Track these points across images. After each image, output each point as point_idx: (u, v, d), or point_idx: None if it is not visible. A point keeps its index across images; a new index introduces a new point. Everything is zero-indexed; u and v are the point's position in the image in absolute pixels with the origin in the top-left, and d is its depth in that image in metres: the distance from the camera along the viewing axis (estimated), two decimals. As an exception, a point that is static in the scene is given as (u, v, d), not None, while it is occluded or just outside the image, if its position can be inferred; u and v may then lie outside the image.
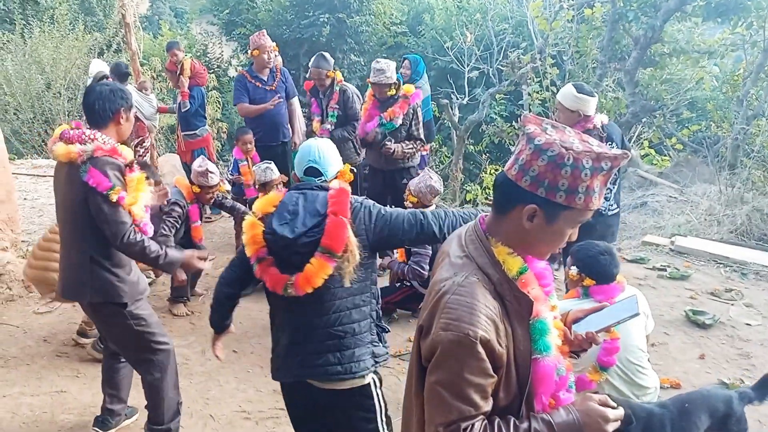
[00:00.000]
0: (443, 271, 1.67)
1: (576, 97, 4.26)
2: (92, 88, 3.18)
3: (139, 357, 3.39)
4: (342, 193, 2.59)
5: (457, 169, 11.11)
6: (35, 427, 3.81)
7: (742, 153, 9.05)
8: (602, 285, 3.29)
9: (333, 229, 2.51)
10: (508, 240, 1.64)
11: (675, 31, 10.24)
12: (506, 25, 13.41)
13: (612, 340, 3.22)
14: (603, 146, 1.57)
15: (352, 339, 2.61)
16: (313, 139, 2.87)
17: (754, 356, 4.70)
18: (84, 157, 2.99)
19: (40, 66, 10.78)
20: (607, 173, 1.55)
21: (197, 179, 5.04)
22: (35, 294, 5.42)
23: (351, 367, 2.60)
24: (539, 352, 1.62)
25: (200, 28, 18.98)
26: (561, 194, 1.53)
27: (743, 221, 7.37)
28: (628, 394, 3.26)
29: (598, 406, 1.62)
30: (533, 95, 10.90)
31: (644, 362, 3.34)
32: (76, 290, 3.25)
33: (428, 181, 4.74)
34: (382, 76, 5.50)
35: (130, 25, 9.01)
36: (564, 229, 1.61)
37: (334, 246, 2.50)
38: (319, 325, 2.62)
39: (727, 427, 3.09)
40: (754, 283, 6.12)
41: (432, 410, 1.59)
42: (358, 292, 2.61)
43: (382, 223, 2.58)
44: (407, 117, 5.66)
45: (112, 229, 3.01)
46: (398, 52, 15.15)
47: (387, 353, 2.75)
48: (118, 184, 3.01)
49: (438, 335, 1.55)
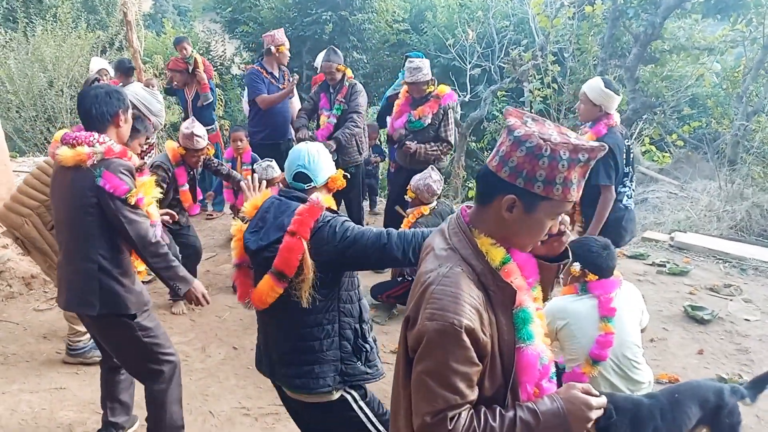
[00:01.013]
0: (428, 263, 1.69)
1: (603, 92, 4.24)
2: (86, 92, 3.03)
3: (144, 369, 3.26)
4: (310, 210, 2.48)
5: (459, 166, 11.12)
6: (34, 423, 3.81)
7: (742, 149, 9.05)
8: (603, 280, 3.32)
9: (286, 251, 2.43)
10: (491, 231, 1.67)
11: (675, 27, 10.25)
12: (508, 22, 13.41)
13: (606, 335, 3.25)
14: (581, 138, 1.59)
15: (312, 356, 2.55)
16: (305, 143, 2.78)
17: (752, 351, 4.71)
18: (95, 160, 2.88)
19: (43, 64, 10.77)
20: (584, 165, 1.57)
21: (183, 141, 4.96)
22: (35, 291, 5.45)
23: (309, 383, 2.57)
24: (523, 340, 1.64)
25: (203, 26, 18.96)
26: (539, 185, 1.56)
27: (743, 217, 7.38)
28: (623, 389, 3.28)
29: (581, 394, 1.64)
30: (534, 92, 10.91)
31: (639, 357, 3.36)
32: (83, 302, 3.08)
33: (428, 180, 4.74)
34: (420, 74, 5.38)
35: (132, 23, 9.06)
36: (543, 220, 1.63)
37: (284, 269, 2.44)
38: (282, 337, 2.62)
39: (719, 418, 3.09)
40: (753, 279, 6.13)
41: (419, 400, 1.61)
42: (321, 311, 2.52)
43: (346, 244, 2.44)
44: (437, 117, 5.49)
45: (139, 231, 2.93)
46: (401, 49, 15.18)
47: (368, 372, 2.64)
48: (133, 187, 2.95)
49: (423, 325, 1.57)
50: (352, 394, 2.63)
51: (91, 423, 3.74)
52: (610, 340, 3.24)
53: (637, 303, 3.49)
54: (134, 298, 3.09)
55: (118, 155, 2.96)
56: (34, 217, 3.93)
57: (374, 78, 16.27)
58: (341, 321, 2.57)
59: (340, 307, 2.57)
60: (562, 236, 1.77)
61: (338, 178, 2.74)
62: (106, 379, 3.52)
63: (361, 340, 2.63)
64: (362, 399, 2.65)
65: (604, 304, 3.30)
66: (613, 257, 3.40)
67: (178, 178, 4.97)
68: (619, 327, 3.30)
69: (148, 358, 3.21)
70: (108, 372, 3.52)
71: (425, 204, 4.78)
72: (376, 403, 2.72)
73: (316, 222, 2.47)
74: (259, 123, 6.57)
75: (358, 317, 2.64)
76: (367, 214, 7.50)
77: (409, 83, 5.46)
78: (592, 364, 3.26)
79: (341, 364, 2.56)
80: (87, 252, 3.01)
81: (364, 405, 2.64)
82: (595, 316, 3.30)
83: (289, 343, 2.60)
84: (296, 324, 2.56)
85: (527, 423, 1.59)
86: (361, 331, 2.64)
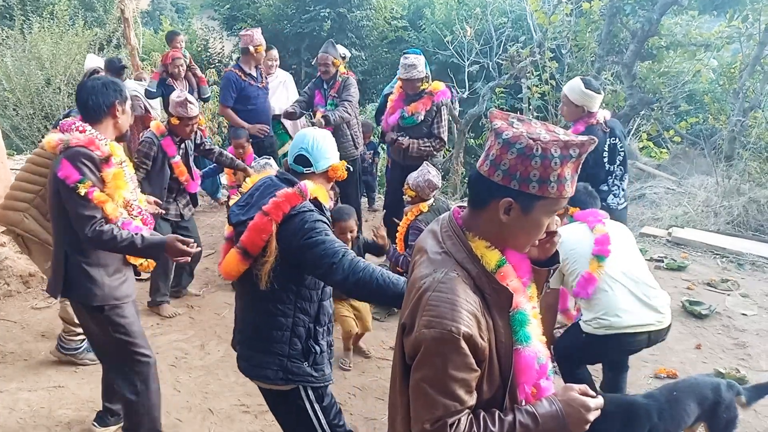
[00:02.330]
0: (422, 268, 1.68)
1: (583, 93, 4.23)
2: (83, 84, 3.06)
3: (117, 366, 3.25)
4: (290, 195, 2.46)
5: (458, 163, 11.11)
6: (33, 422, 3.80)
7: (739, 145, 9.06)
8: (587, 210, 3.55)
9: (253, 229, 2.43)
10: (486, 234, 1.66)
11: (672, 24, 10.25)
12: (505, 19, 13.39)
13: (603, 235, 3.41)
14: (569, 134, 1.59)
15: (261, 344, 2.56)
16: (312, 128, 2.76)
17: (750, 346, 4.73)
18: (62, 147, 2.89)
19: (40, 62, 10.76)
20: (576, 160, 1.57)
21: (176, 110, 4.74)
22: (33, 289, 5.44)
23: (251, 369, 2.60)
24: (520, 342, 1.64)
25: (201, 23, 18.92)
26: (534, 185, 1.55)
27: (740, 212, 7.40)
28: (645, 317, 3.33)
29: (579, 396, 1.66)
30: (532, 89, 10.90)
31: (652, 281, 3.46)
32: (52, 286, 3.15)
33: (426, 175, 4.75)
34: (414, 71, 5.38)
35: (130, 21, 9.06)
36: (541, 219, 1.63)
37: (248, 247, 2.44)
38: (242, 318, 2.65)
39: (717, 414, 3.12)
40: (750, 274, 6.16)
41: (418, 407, 1.60)
42: (278, 301, 2.51)
43: (304, 245, 2.40)
44: (430, 114, 5.49)
45: (78, 222, 2.88)
46: (399, 46, 15.18)
47: (313, 375, 2.58)
48: (89, 177, 2.87)
49: (421, 333, 1.56)
50: (307, 392, 2.60)
51: (89, 421, 3.73)
52: (607, 239, 3.37)
53: (631, 236, 3.66)
54: (101, 291, 3.04)
55: (84, 144, 2.90)
56: (32, 210, 3.92)
57: (372, 75, 16.27)
58: (296, 317, 2.54)
59: (297, 302, 2.54)
60: (553, 236, 1.76)
61: (339, 168, 2.70)
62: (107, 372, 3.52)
63: (313, 341, 2.59)
64: (318, 401, 2.62)
65: (593, 221, 3.49)
66: (593, 195, 3.65)
67: (167, 149, 4.75)
68: (622, 252, 3.43)
69: (119, 354, 3.18)
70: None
71: (425, 201, 4.79)
72: (333, 411, 2.68)
73: (292, 208, 2.44)
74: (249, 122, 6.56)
75: (314, 317, 2.60)
76: (365, 211, 7.50)
77: (404, 80, 5.47)
78: (598, 261, 3.35)
79: (287, 361, 2.54)
80: (58, 239, 3.06)
81: (317, 407, 2.61)
82: (586, 230, 3.48)
83: (246, 326, 2.63)
84: (254, 309, 2.58)
85: (526, 426, 1.59)
86: (315, 332, 2.60)
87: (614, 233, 3.47)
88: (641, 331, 3.33)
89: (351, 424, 3.79)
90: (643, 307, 3.33)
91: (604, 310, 3.33)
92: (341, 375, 4.29)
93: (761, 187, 7.84)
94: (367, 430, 3.80)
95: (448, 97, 5.67)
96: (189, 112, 4.73)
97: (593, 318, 3.37)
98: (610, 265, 3.37)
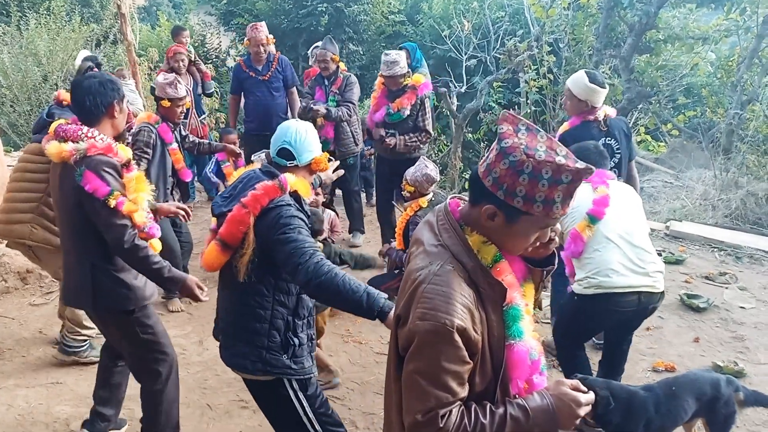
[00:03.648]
0: (418, 260, 1.69)
1: (587, 87, 4.14)
2: (79, 82, 2.94)
3: (142, 365, 3.23)
4: (269, 188, 2.47)
5: (455, 158, 11.10)
6: (31, 418, 3.81)
7: (737, 138, 9.04)
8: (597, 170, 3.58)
9: (231, 222, 2.45)
10: (481, 230, 1.67)
11: (670, 17, 10.21)
12: (503, 13, 13.35)
13: (602, 197, 3.38)
14: (569, 158, 1.55)
15: (242, 334, 2.58)
16: (295, 120, 2.76)
17: (747, 339, 4.75)
18: (77, 157, 2.78)
19: (37, 58, 10.71)
20: (568, 185, 1.53)
21: (166, 91, 4.72)
22: (31, 286, 5.44)
23: (233, 359, 2.62)
24: (513, 337, 1.65)
25: (198, 18, 18.86)
26: (518, 200, 1.54)
27: (738, 205, 7.40)
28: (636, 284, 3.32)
29: (570, 391, 1.66)
30: (530, 83, 10.88)
31: (649, 246, 3.44)
32: (77, 298, 3.07)
33: (424, 170, 4.74)
34: (396, 67, 5.41)
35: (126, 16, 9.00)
36: (527, 231, 1.63)
37: (227, 239, 2.47)
38: (223, 307, 2.69)
39: (715, 409, 3.13)
40: (748, 267, 6.17)
41: (410, 398, 1.62)
42: (257, 293, 2.53)
43: (276, 240, 2.42)
44: (414, 108, 5.55)
45: (114, 234, 2.81)
46: (396, 41, 15.14)
47: (292, 368, 2.59)
48: (116, 188, 2.82)
49: (415, 325, 1.57)
50: (291, 382, 2.60)
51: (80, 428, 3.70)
52: (606, 200, 3.34)
53: (638, 200, 3.60)
54: (131, 294, 3.02)
55: (102, 151, 2.83)
56: (37, 218, 3.85)
57: (370, 70, 16.22)
58: (274, 309, 2.55)
59: (276, 295, 2.55)
60: (549, 243, 1.75)
61: (322, 161, 2.70)
62: (104, 366, 3.49)
63: (292, 333, 2.59)
64: (302, 390, 2.62)
65: (597, 181, 3.45)
66: (604, 155, 3.61)
67: (164, 136, 4.71)
68: (624, 214, 3.41)
69: (145, 355, 3.18)
70: (107, 359, 3.48)
71: (424, 195, 4.79)
72: (319, 400, 2.69)
73: (270, 201, 2.44)
74: (250, 114, 6.74)
75: (293, 310, 2.61)
76: (365, 207, 7.51)
77: (386, 77, 5.50)
78: (589, 222, 3.34)
79: (265, 352, 2.55)
80: (80, 249, 2.97)
81: (302, 395, 2.62)
82: (589, 189, 3.43)
83: (227, 317, 2.65)
84: (234, 300, 2.60)
85: (517, 419, 1.60)
86: (293, 324, 2.61)
87: (617, 195, 3.44)
88: (630, 291, 3.31)
89: (349, 418, 3.80)
90: (635, 269, 3.32)
91: (595, 269, 3.33)
92: (339, 370, 4.29)
93: (759, 180, 7.84)
94: (366, 424, 3.80)
95: (431, 89, 5.78)
96: (179, 92, 4.74)
97: (584, 277, 3.37)
98: (609, 225, 3.35)
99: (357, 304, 2.30)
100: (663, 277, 3.44)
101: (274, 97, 6.62)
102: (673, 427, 3.15)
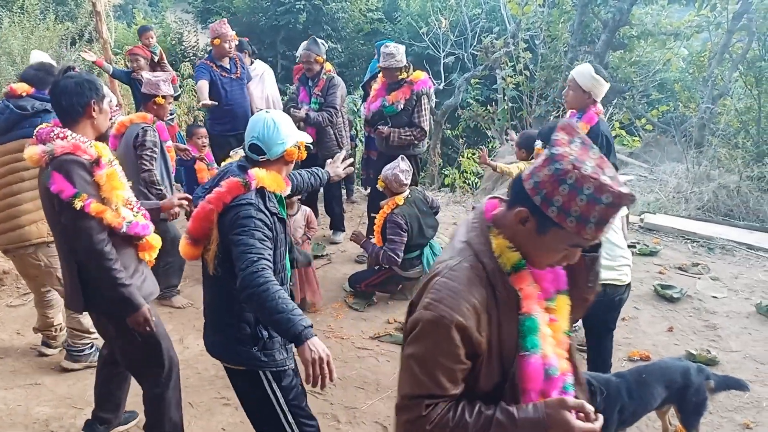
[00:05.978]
0: (444, 253, 1.72)
1: (594, 78, 4.10)
2: (55, 83, 2.83)
3: (143, 370, 3.13)
4: (232, 185, 2.44)
5: (435, 154, 11.20)
6: (9, 420, 3.74)
7: (708, 132, 9.19)
8: None
9: (196, 218, 2.48)
10: (510, 235, 1.64)
11: (642, 14, 10.38)
12: (479, 10, 13.48)
13: None
14: (615, 180, 1.50)
15: (219, 323, 2.64)
16: (264, 111, 2.67)
17: (720, 327, 4.84)
18: (47, 158, 2.69)
19: (11, 57, 10.60)
20: (606, 208, 1.49)
21: (161, 88, 4.68)
22: (8, 287, 5.36)
23: (213, 347, 2.69)
24: (526, 349, 1.61)
25: (175, 16, 18.72)
26: (553, 209, 1.51)
27: (710, 198, 7.52)
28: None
29: (568, 415, 1.58)
30: (507, 79, 11.01)
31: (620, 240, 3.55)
32: (71, 300, 2.98)
33: (395, 170, 4.75)
34: (392, 60, 5.40)
35: (102, 14, 8.96)
36: (556, 245, 1.59)
37: (194, 234, 2.51)
38: (204, 298, 2.74)
39: (686, 397, 3.21)
40: (720, 257, 6.29)
41: (403, 380, 1.66)
42: (223, 285, 2.55)
43: (231, 239, 2.39)
44: (409, 103, 5.50)
45: (78, 239, 2.71)
46: (375, 38, 15.18)
47: (262, 360, 2.58)
48: (84, 188, 2.69)
49: (420, 313, 1.60)
50: (265, 373, 2.61)
51: (67, 418, 3.70)
52: None
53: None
54: None
55: (70, 150, 2.71)
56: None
57: (349, 67, 16.27)
58: (243, 302, 2.53)
59: None
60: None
61: (294, 153, 2.63)
62: (103, 370, 3.40)
63: (261, 327, 2.59)
64: (276, 380, 2.63)
65: None
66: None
67: (161, 134, 4.69)
68: None
69: (146, 358, 3.08)
70: (105, 364, 3.39)
71: (395, 194, 4.83)
72: (294, 392, 2.69)
73: (233, 198, 2.43)
74: (221, 117, 6.47)
75: None
76: (344, 203, 7.55)
77: (383, 68, 5.51)
78: None
79: (236, 344, 2.58)
80: (66, 254, 2.90)
81: (275, 386, 2.63)
82: None
83: (206, 307, 2.72)
84: (209, 292, 2.68)
85: (502, 425, 1.57)
86: None
87: None
88: None
89: (331, 413, 3.83)
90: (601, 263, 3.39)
91: None
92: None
93: (730, 173, 7.97)
94: (347, 419, 3.80)
95: (429, 87, 5.68)
96: (171, 89, 4.79)
97: None
98: None
99: (278, 323, 2.25)
100: (630, 269, 3.52)
101: (245, 97, 6.52)
102: (643, 413, 3.23)
